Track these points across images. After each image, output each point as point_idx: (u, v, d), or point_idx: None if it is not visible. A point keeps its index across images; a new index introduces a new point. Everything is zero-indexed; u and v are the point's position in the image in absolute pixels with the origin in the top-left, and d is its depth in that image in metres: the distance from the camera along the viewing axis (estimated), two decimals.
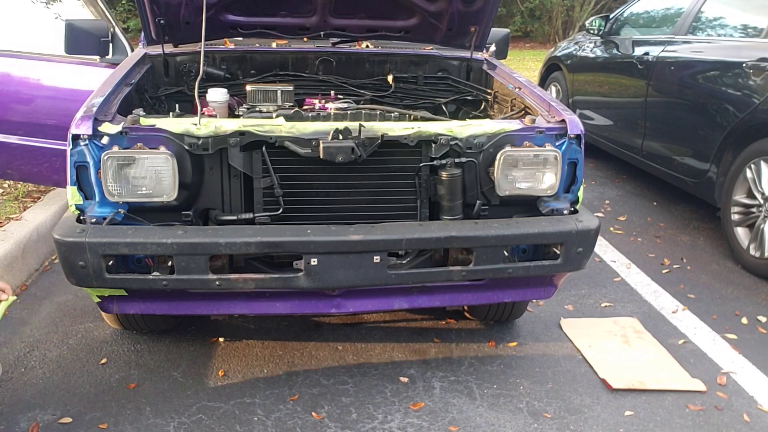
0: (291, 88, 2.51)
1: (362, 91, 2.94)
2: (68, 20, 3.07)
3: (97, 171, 1.90)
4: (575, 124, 2.13)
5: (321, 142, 1.98)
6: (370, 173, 2.13)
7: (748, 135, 3.46)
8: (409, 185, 2.16)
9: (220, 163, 2.05)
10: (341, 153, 1.98)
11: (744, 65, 3.51)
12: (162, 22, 2.66)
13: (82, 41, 3.08)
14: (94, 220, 1.91)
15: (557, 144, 2.12)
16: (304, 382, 2.40)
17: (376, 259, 1.94)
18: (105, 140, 1.91)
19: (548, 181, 2.11)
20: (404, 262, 2.16)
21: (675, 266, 3.52)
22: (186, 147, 1.96)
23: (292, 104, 2.49)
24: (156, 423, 2.18)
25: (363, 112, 2.49)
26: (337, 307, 2.16)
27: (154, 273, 1.95)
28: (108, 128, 1.92)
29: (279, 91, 2.48)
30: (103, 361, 2.52)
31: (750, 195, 3.46)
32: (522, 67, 10.39)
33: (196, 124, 1.96)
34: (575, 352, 2.64)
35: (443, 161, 2.08)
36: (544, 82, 6.36)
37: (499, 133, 2.10)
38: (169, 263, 1.94)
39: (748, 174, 3.43)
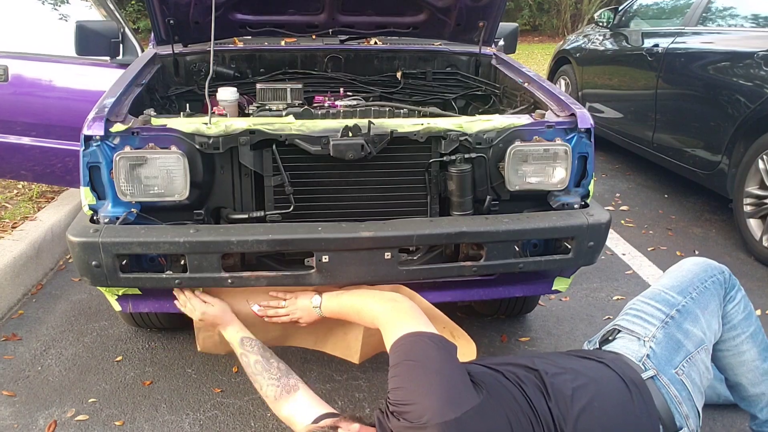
0: (300, 86, 2.52)
1: (371, 88, 2.94)
2: (79, 22, 3.09)
3: (110, 171, 1.92)
4: (585, 118, 2.12)
5: (331, 139, 1.98)
6: (380, 170, 2.13)
7: (760, 126, 3.44)
8: (419, 181, 2.17)
9: (230, 161, 2.06)
10: (351, 150, 1.98)
11: (755, 55, 3.49)
12: (172, 22, 2.67)
13: (92, 42, 3.10)
14: (107, 220, 1.93)
15: (567, 138, 2.12)
16: (318, 378, 2.41)
17: (387, 255, 1.94)
18: (117, 141, 1.92)
19: (558, 175, 2.11)
20: (415, 258, 2.16)
21: None
22: (197, 146, 1.97)
23: (301, 102, 2.50)
24: (171, 419, 2.21)
25: (372, 108, 2.50)
26: None
27: (167, 272, 1.97)
28: (119, 129, 1.93)
29: (288, 89, 2.48)
30: (119, 358, 2.55)
31: (762, 186, 3.44)
32: (531, 61, 10.35)
33: (206, 124, 1.97)
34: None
35: (453, 157, 2.08)
36: (553, 76, 6.34)
37: (508, 128, 2.10)
38: (182, 262, 1.95)
39: (761, 165, 3.41)
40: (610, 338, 1.94)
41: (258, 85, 2.51)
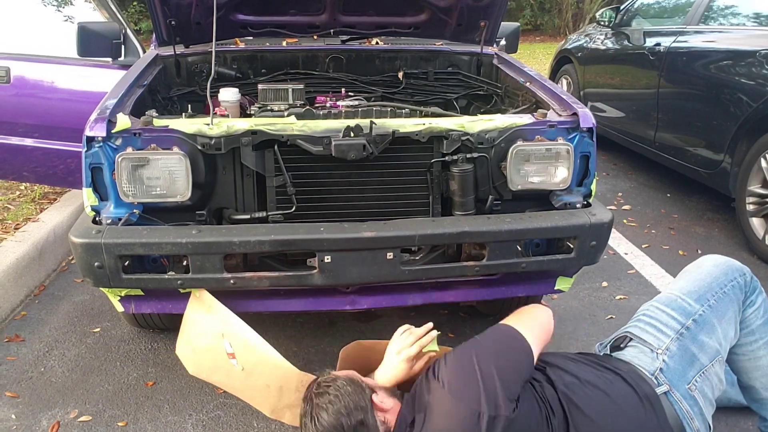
0: (302, 86, 2.52)
1: (373, 88, 2.94)
2: (80, 23, 3.10)
3: (112, 172, 1.92)
4: (587, 117, 2.12)
5: (332, 139, 1.99)
6: (381, 170, 2.13)
7: (763, 124, 3.43)
8: (421, 181, 2.17)
9: (232, 162, 2.06)
10: (353, 150, 1.98)
11: (758, 54, 3.48)
12: (173, 23, 2.67)
13: (94, 44, 3.10)
14: (109, 221, 1.93)
15: (569, 137, 2.12)
16: None
17: (389, 255, 1.94)
18: (119, 142, 1.92)
19: (560, 174, 2.11)
20: (417, 258, 2.16)
21: (690, 258, 3.50)
22: (199, 147, 1.97)
23: (303, 102, 2.50)
24: (174, 420, 2.21)
25: (374, 108, 2.50)
26: (352, 304, 2.17)
27: (170, 272, 1.97)
28: (122, 126, 1.93)
29: (290, 90, 2.48)
30: (121, 359, 2.55)
31: (765, 185, 3.44)
32: (532, 61, 10.35)
33: (208, 124, 1.97)
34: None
35: (455, 157, 2.08)
36: (554, 75, 6.34)
37: (510, 128, 2.10)
38: (185, 262, 1.96)
39: (763, 164, 3.40)
40: (621, 345, 1.89)
41: (260, 86, 2.52)
